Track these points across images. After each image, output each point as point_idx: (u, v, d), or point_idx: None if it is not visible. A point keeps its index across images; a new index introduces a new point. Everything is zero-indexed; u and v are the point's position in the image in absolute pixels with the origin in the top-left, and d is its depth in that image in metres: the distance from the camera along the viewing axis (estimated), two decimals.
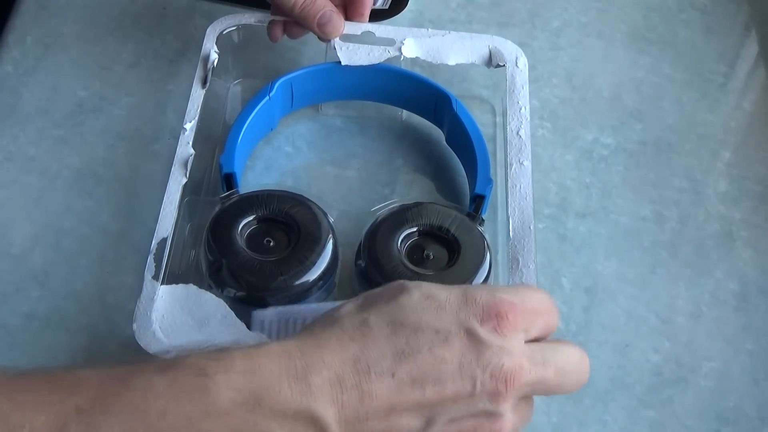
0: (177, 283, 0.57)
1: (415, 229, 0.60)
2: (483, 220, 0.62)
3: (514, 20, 0.81)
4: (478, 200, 0.63)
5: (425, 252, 0.60)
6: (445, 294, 0.42)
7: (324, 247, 0.59)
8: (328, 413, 0.38)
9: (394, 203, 0.64)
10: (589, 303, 0.64)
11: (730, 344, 0.63)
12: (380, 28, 0.70)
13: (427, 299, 0.42)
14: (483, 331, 0.41)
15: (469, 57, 0.69)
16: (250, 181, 0.67)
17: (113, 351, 0.59)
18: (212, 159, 0.67)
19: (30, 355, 0.59)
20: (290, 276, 0.57)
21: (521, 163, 0.64)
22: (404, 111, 0.72)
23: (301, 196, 0.62)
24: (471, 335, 0.41)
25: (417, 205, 0.62)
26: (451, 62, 0.69)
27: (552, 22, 0.81)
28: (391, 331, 0.40)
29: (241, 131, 0.64)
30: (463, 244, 0.59)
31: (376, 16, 0.74)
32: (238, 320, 0.55)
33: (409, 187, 0.69)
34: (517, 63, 0.69)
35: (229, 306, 0.55)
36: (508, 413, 0.41)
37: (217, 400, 0.37)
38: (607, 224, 0.68)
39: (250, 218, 0.60)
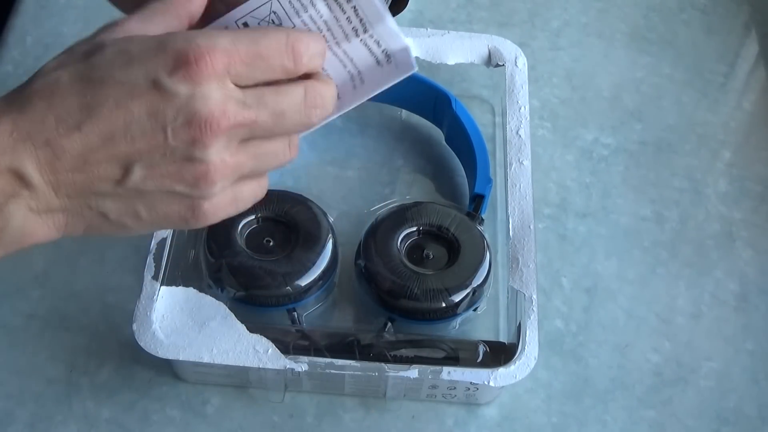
0: (177, 283, 0.57)
1: (414, 228, 0.60)
2: (483, 220, 0.62)
3: (514, 20, 0.81)
4: (478, 200, 0.63)
5: (425, 251, 0.60)
6: (138, 47, 0.41)
7: (324, 247, 0.59)
8: (28, 167, 0.40)
9: (393, 203, 0.64)
10: (589, 303, 0.64)
11: (730, 344, 0.63)
12: None
13: (120, 53, 0.40)
14: (170, 81, 0.40)
15: (469, 57, 0.69)
16: None
17: (113, 351, 0.59)
18: None
19: (30, 355, 0.59)
20: (290, 276, 0.57)
21: (521, 163, 0.64)
22: (404, 111, 0.72)
23: (301, 196, 0.62)
24: (157, 86, 0.40)
25: (416, 204, 0.62)
26: (451, 62, 0.69)
27: (552, 22, 0.81)
28: (79, 88, 0.40)
29: None
30: (462, 244, 0.59)
31: None
32: (237, 322, 0.55)
33: (409, 187, 0.69)
34: (516, 62, 0.69)
35: (228, 306, 0.55)
36: (214, 157, 0.41)
37: None
38: (607, 224, 0.68)
39: (250, 218, 0.60)
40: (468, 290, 0.58)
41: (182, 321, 0.55)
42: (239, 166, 0.42)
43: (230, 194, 0.43)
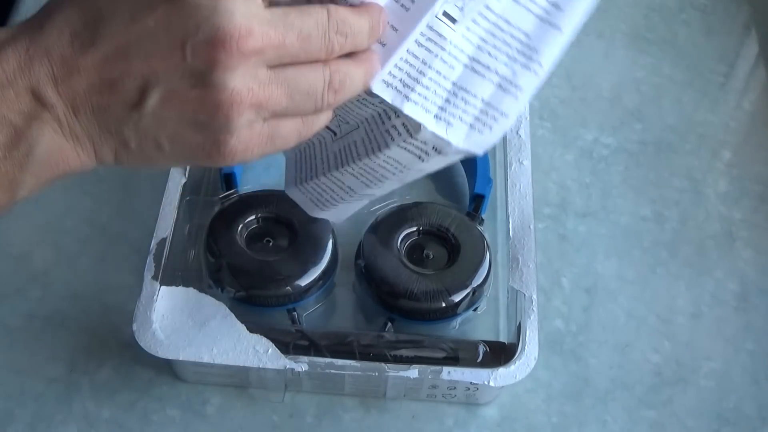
0: (177, 283, 0.57)
1: (414, 228, 0.60)
2: (483, 220, 0.63)
3: None
4: (478, 200, 0.63)
5: (425, 251, 0.60)
6: None
7: (324, 247, 0.59)
8: (45, 86, 0.37)
9: (393, 203, 0.64)
10: (589, 303, 0.64)
11: (730, 344, 0.63)
12: None
13: None
14: None
15: None
16: (249, 181, 0.67)
17: (113, 351, 0.59)
18: None
19: (30, 355, 0.59)
20: (290, 276, 0.57)
21: (521, 163, 0.64)
22: None
23: None
24: None
25: (417, 204, 0.62)
26: None
27: None
28: (91, 2, 0.37)
29: None
30: (462, 244, 0.59)
31: None
32: (237, 321, 0.55)
33: (409, 187, 0.68)
34: None
35: (228, 306, 0.55)
36: (237, 83, 0.37)
37: None
38: (607, 224, 0.68)
39: (250, 218, 0.60)
40: (468, 290, 0.58)
41: (182, 321, 0.55)
42: (270, 99, 0.38)
43: (265, 131, 0.39)
